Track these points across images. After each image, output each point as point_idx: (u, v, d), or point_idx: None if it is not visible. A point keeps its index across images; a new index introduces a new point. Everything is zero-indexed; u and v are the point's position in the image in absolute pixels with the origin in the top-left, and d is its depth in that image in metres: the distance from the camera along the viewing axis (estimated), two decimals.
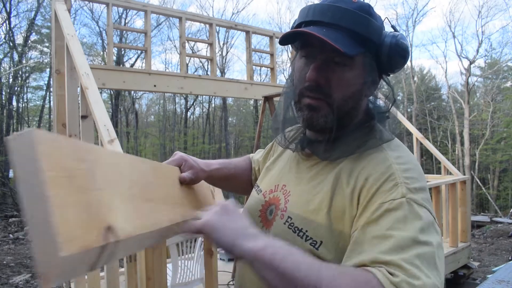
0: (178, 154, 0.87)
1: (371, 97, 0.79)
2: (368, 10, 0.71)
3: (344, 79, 0.70)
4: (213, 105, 22.62)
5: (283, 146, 0.84)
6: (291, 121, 0.84)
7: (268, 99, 4.42)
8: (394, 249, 0.56)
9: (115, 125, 17.29)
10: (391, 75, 0.79)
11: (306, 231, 0.70)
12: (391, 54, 0.71)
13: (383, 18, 0.76)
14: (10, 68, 15.51)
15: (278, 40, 0.83)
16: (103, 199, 0.44)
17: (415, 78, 20.52)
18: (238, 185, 1.05)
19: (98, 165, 0.44)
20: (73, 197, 0.39)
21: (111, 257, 0.46)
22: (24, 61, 15.70)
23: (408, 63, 20.71)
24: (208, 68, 18.71)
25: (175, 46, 20.43)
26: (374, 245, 0.58)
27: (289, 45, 0.79)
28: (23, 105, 16.97)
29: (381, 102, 0.80)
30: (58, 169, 0.38)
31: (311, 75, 0.70)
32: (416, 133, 5.11)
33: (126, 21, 18.64)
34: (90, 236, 0.40)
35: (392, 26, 0.76)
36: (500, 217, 10.70)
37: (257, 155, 1.07)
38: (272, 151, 0.98)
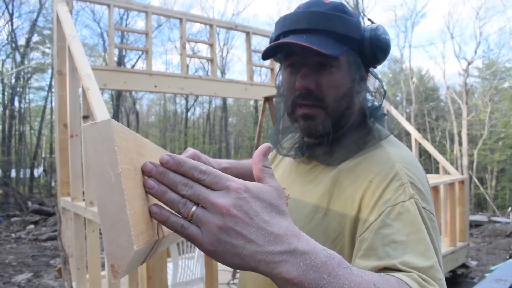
0: (191, 150, 0.87)
1: (364, 95, 0.78)
2: (342, 9, 0.72)
3: (333, 80, 0.71)
4: (213, 105, 22.66)
5: (282, 155, 0.85)
6: (288, 131, 0.84)
7: (268, 99, 4.43)
8: (421, 255, 0.55)
9: None
10: (377, 67, 0.80)
11: None
12: (373, 47, 0.72)
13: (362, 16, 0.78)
14: (12, 69, 15.55)
15: (260, 55, 0.78)
16: None
17: (414, 79, 20.45)
18: None
19: (149, 159, 0.43)
20: (138, 191, 0.39)
21: (154, 254, 0.46)
22: (26, 62, 15.74)
23: (407, 63, 20.85)
24: (208, 68, 18.72)
25: (175, 47, 20.46)
26: (397, 249, 0.56)
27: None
28: (25, 105, 16.99)
29: (373, 97, 0.80)
30: (128, 162, 0.38)
31: (300, 83, 0.70)
32: (414, 133, 5.14)
33: (127, 22, 18.67)
34: (150, 230, 0.41)
35: (369, 19, 0.77)
36: (498, 216, 10.74)
37: None
38: (277, 155, 0.99)
